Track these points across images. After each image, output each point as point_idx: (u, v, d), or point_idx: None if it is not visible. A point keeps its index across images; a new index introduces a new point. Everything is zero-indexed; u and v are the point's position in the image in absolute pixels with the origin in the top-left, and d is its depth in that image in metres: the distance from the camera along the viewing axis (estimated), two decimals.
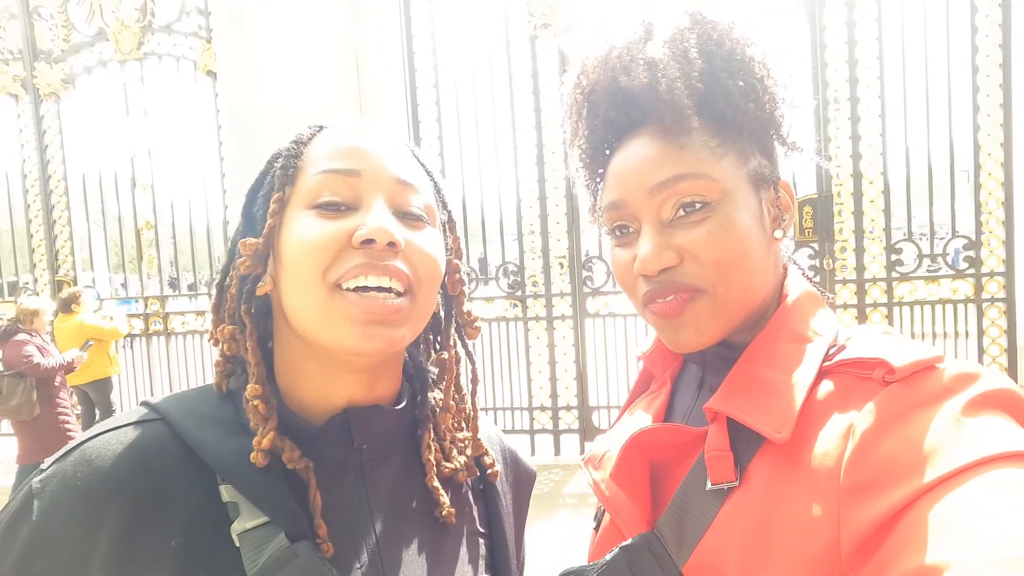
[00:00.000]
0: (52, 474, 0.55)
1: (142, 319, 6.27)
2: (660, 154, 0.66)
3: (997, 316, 4.80)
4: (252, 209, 0.66)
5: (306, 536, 0.57)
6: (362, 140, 0.64)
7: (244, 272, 0.62)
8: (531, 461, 0.85)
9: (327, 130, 0.67)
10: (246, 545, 0.55)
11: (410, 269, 0.62)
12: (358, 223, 0.60)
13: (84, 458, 0.55)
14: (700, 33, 0.67)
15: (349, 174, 0.61)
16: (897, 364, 0.56)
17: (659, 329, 0.70)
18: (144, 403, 0.62)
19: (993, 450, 0.48)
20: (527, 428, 5.62)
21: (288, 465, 0.59)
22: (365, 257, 0.59)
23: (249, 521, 0.56)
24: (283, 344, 0.65)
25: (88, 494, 0.53)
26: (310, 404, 0.64)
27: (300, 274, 0.59)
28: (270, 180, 0.64)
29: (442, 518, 0.68)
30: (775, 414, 0.60)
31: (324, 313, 0.59)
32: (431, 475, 0.69)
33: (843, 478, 0.54)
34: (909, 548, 0.46)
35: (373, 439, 0.66)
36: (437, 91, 5.47)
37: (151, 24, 5.88)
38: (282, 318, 0.64)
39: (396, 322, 0.60)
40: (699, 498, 0.62)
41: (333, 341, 0.60)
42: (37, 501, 0.54)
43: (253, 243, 0.62)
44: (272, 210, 0.62)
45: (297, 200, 0.62)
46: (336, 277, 0.59)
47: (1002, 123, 4.62)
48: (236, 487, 0.57)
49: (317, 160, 0.63)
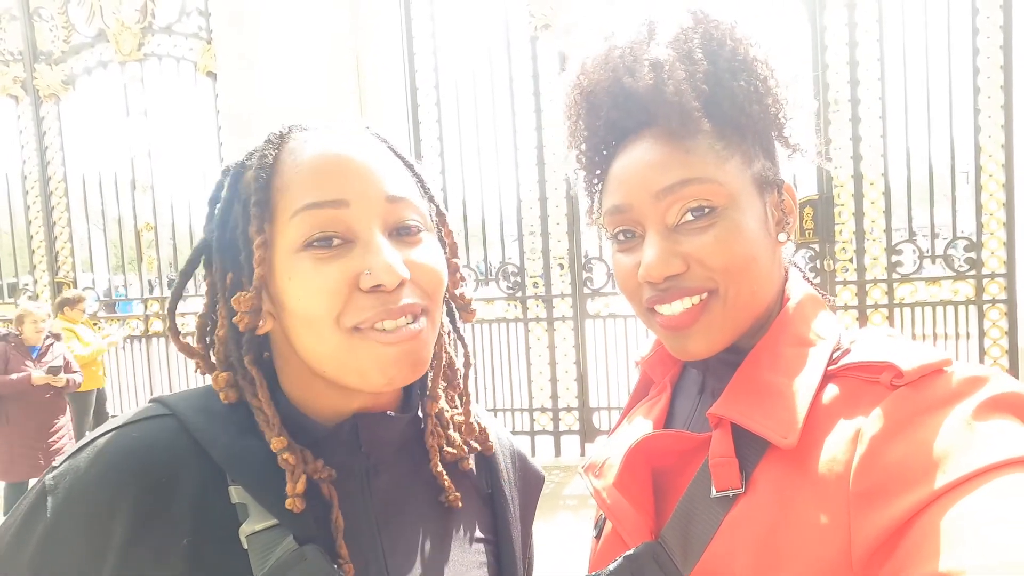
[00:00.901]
0: (65, 471, 0.55)
1: (142, 320, 6.26)
2: (665, 158, 0.64)
3: (998, 318, 4.80)
4: (225, 239, 0.61)
5: (315, 539, 0.56)
6: (336, 150, 0.59)
7: (244, 329, 0.59)
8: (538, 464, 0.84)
9: (292, 141, 0.61)
10: (254, 547, 0.55)
11: (420, 292, 0.60)
12: (360, 262, 0.56)
13: (96, 454, 0.55)
14: (703, 33, 0.66)
15: (337, 205, 0.57)
16: (905, 368, 0.55)
17: (665, 338, 0.69)
18: (156, 399, 0.61)
19: (1005, 455, 0.48)
20: (527, 429, 5.62)
21: (313, 476, 0.58)
22: (378, 302, 0.57)
23: (258, 523, 0.56)
24: (287, 367, 0.63)
25: (100, 490, 0.53)
26: (318, 410, 0.63)
27: (311, 323, 0.57)
28: (241, 211, 0.59)
29: (448, 503, 0.68)
30: (780, 419, 0.59)
31: (347, 358, 0.57)
32: (435, 460, 0.68)
33: (852, 484, 0.53)
34: (922, 555, 0.45)
35: (379, 445, 0.65)
36: (437, 92, 5.47)
37: (151, 25, 5.89)
38: (287, 347, 0.62)
39: (418, 347, 0.59)
40: (704, 505, 0.61)
41: (359, 382, 0.58)
42: (51, 498, 0.54)
43: (248, 298, 0.58)
44: (258, 257, 0.58)
45: (283, 240, 0.58)
46: (352, 323, 0.57)
47: (1003, 125, 4.62)
48: (246, 488, 0.57)
49: (294, 189, 0.58)
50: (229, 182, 0.62)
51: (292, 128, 0.62)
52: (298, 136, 0.61)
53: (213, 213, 0.63)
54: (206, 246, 0.63)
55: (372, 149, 0.62)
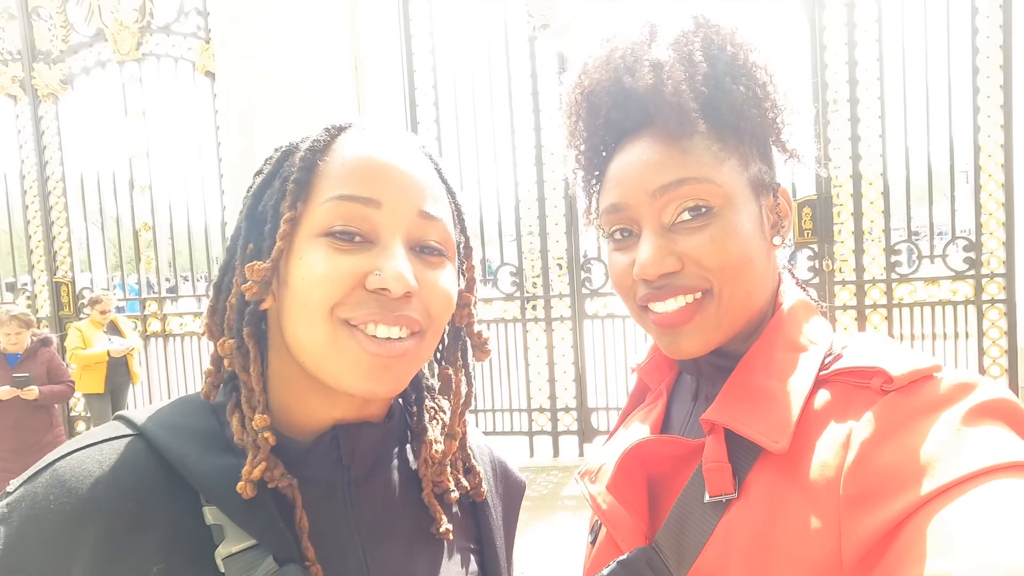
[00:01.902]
0: (20, 497, 0.51)
1: (140, 320, 6.26)
2: (663, 157, 0.65)
3: (997, 318, 4.79)
4: (257, 211, 0.61)
5: (295, 559, 0.54)
6: (385, 156, 0.59)
7: (250, 299, 0.58)
8: (520, 471, 0.83)
9: (347, 134, 0.61)
10: (232, 570, 0.52)
11: (422, 311, 0.59)
12: (373, 263, 0.56)
13: (56, 479, 0.51)
14: (704, 37, 0.67)
15: (368, 204, 0.57)
16: (895, 373, 0.55)
17: (657, 336, 0.69)
18: (119, 416, 0.59)
19: (993, 460, 0.48)
20: (526, 430, 5.62)
21: (269, 484, 0.56)
22: (378, 305, 0.56)
23: (235, 544, 0.53)
24: (277, 358, 0.62)
25: (61, 518, 0.49)
26: (298, 421, 0.62)
27: (305, 306, 0.56)
28: (279, 187, 0.60)
29: (439, 535, 0.66)
30: (772, 424, 0.59)
31: (328, 349, 0.56)
32: (428, 491, 0.67)
33: (843, 488, 0.53)
34: (910, 558, 0.46)
35: (361, 456, 0.64)
36: (436, 92, 5.47)
37: (150, 25, 5.88)
38: (279, 334, 0.61)
39: (401, 365, 0.58)
40: (697, 510, 0.62)
41: (334, 379, 0.57)
42: (3, 527, 0.50)
43: (262, 268, 0.57)
44: (282, 231, 0.57)
45: (309, 222, 0.58)
46: (345, 316, 0.56)
47: (1002, 124, 4.62)
48: (221, 508, 0.54)
49: (335, 178, 0.58)
50: (277, 158, 0.62)
51: (352, 124, 0.63)
52: (354, 133, 0.62)
53: (253, 184, 0.63)
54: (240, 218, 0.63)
55: (420, 165, 0.62)
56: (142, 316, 6.30)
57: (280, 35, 4.96)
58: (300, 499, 0.58)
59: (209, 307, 0.63)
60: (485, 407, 5.70)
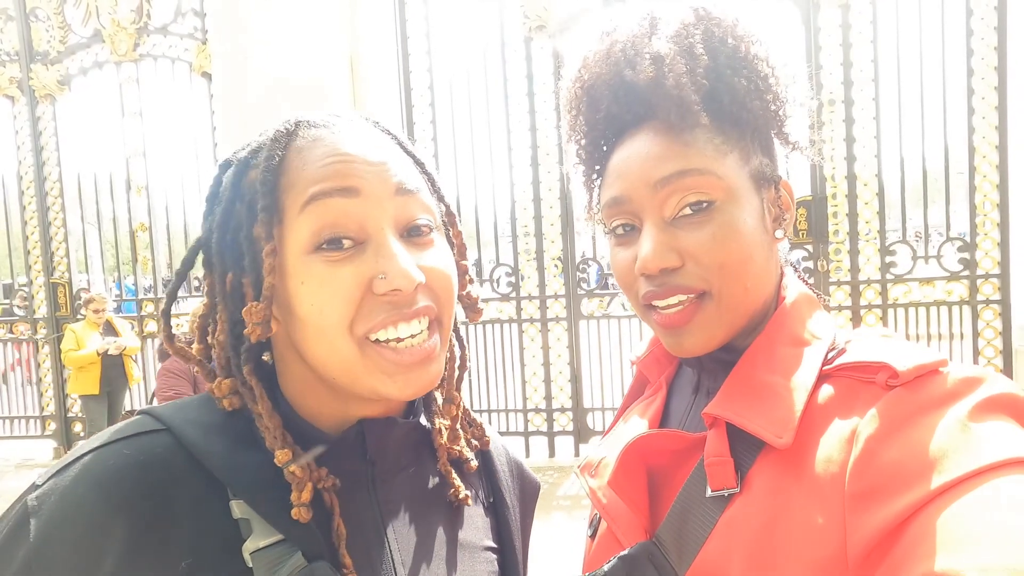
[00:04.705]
0: (49, 490, 0.51)
1: (136, 321, 6.26)
2: (664, 150, 0.64)
3: (992, 318, 4.80)
4: (226, 240, 0.58)
5: (323, 555, 0.54)
6: (345, 144, 0.57)
7: (255, 340, 0.56)
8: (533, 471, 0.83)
9: (299, 138, 0.58)
10: (259, 565, 0.52)
11: (433, 297, 0.58)
12: (373, 266, 0.55)
13: (85, 473, 0.51)
14: (705, 29, 0.66)
15: (345, 194, 0.55)
16: (901, 368, 0.55)
17: (662, 335, 0.68)
18: (146, 411, 0.58)
19: (1001, 456, 0.47)
20: (522, 430, 5.62)
21: (317, 485, 0.56)
22: (391, 306, 0.55)
23: (262, 539, 0.53)
24: (290, 368, 0.61)
25: (90, 512, 0.49)
26: (320, 416, 0.61)
27: (322, 331, 0.55)
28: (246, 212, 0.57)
29: (457, 501, 0.67)
30: (776, 419, 0.59)
31: (358, 368, 0.56)
32: (444, 460, 0.68)
33: (848, 484, 0.52)
34: (917, 555, 0.45)
35: (386, 452, 0.63)
36: (432, 92, 5.47)
37: (147, 26, 5.89)
38: (290, 351, 0.60)
39: (432, 360, 0.58)
40: (699, 505, 0.61)
41: (370, 391, 0.57)
42: (34, 520, 0.50)
43: (260, 309, 0.55)
44: (268, 266, 0.55)
45: (293, 241, 0.55)
46: (364, 331, 0.55)
47: (997, 125, 4.63)
48: (249, 503, 0.54)
49: (303, 184, 0.55)
50: (231, 180, 0.59)
51: (299, 124, 0.59)
52: (306, 133, 0.58)
53: (212, 210, 0.60)
54: (205, 245, 0.60)
55: (381, 143, 0.60)
56: (139, 317, 6.31)
57: (277, 37, 4.96)
58: (338, 506, 0.57)
59: (196, 342, 0.62)
60: (481, 407, 5.69)
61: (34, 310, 6.43)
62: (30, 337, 6.49)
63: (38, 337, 6.43)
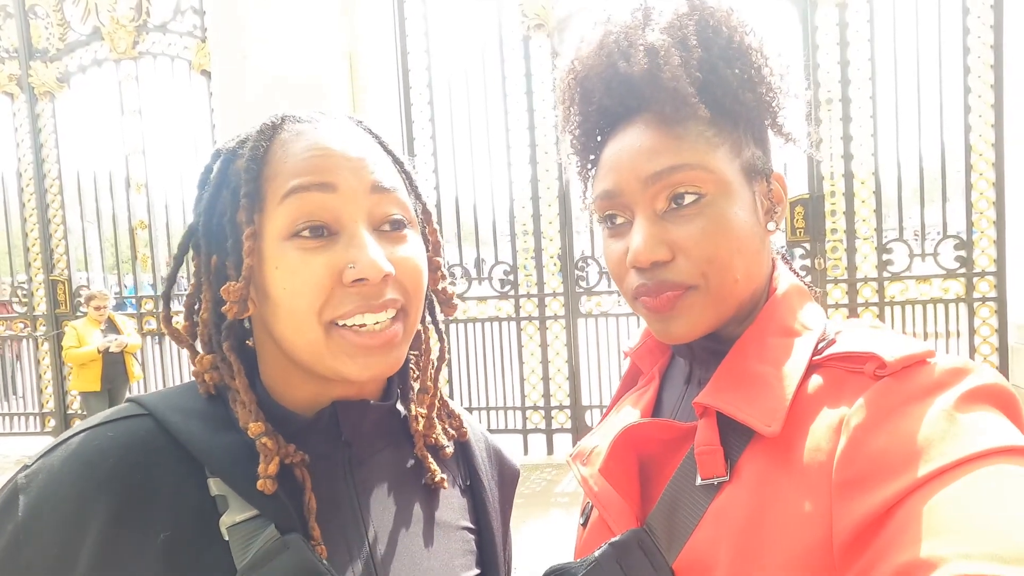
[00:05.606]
0: (38, 469, 0.54)
1: (137, 319, 6.27)
2: (656, 144, 0.64)
3: (988, 315, 4.82)
4: (212, 224, 0.62)
5: (296, 529, 0.56)
6: (327, 140, 0.61)
7: (232, 318, 0.60)
8: (514, 458, 0.84)
9: (284, 132, 0.62)
10: (235, 538, 0.55)
11: (400, 290, 0.61)
12: (343, 255, 0.58)
13: (71, 453, 0.55)
14: (699, 20, 0.66)
15: (324, 189, 0.58)
16: (888, 358, 0.55)
17: (649, 320, 0.69)
18: (131, 399, 0.61)
19: (986, 445, 0.48)
20: (520, 428, 5.63)
21: (285, 460, 0.58)
22: (360, 296, 0.58)
23: (238, 514, 0.56)
24: (268, 352, 0.64)
25: (75, 489, 0.53)
26: (296, 400, 0.64)
27: (293, 314, 0.58)
28: (230, 198, 0.60)
29: (433, 483, 0.69)
30: (765, 408, 0.59)
31: (322, 350, 0.59)
32: (420, 445, 0.70)
33: (835, 473, 0.53)
34: (902, 542, 0.46)
35: (361, 434, 0.66)
36: (431, 91, 5.48)
37: (146, 23, 5.89)
38: (264, 333, 0.63)
39: (393, 346, 0.61)
40: (689, 493, 0.62)
41: (333, 372, 0.60)
42: (23, 496, 0.53)
43: (237, 288, 0.59)
44: (247, 248, 0.58)
45: (272, 228, 0.59)
46: (331, 317, 0.58)
47: (993, 124, 4.64)
48: (225, 480, 0.57)
49: (284, 176, 0.59)
50: (219, 167, 0.63)
51: (285, 119, 0.63)
52: (291, 128, 0.62)
53: (201, 196, 0.64)
54: (194, 230, 0.64)
55: (362, 141, 0.63)
56: (139, 314, 6.31)
57: (276, 34, 4.97)
58: (309, 480, 0.60)
59: (184, 320, 0.65)
60: (479, 405, 5.71)
61: (34, 307, 6.44)
62: (29, 334, 6.50)
63: (38, 334, 6.44)
